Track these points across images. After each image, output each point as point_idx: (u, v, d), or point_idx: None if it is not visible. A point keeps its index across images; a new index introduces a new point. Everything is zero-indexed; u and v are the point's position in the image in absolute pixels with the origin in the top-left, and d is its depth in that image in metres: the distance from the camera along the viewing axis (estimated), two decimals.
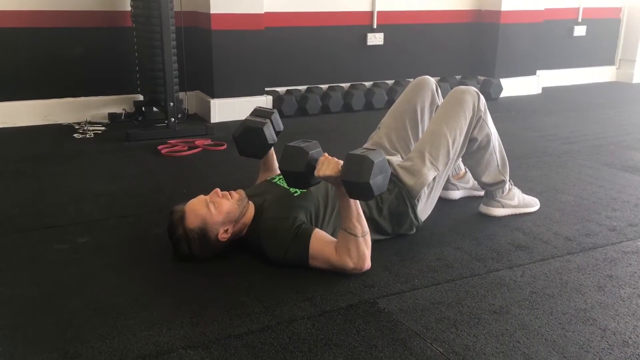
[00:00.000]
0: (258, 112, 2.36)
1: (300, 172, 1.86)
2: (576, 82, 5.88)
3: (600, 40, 5.94)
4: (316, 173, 1.85)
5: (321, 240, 1.91)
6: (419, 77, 2.50)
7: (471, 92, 2.28)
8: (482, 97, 2.30)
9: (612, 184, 2.87)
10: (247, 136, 2.23)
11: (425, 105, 2.44)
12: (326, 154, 1.88)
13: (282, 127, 2.38)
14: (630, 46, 6.02)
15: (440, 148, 2.21)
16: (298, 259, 1.92)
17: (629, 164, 3.17)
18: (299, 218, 1.94)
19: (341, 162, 1.83)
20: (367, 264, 1.92)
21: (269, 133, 2.22)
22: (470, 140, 2.29)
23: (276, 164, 2.34)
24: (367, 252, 1.91)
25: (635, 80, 6.01)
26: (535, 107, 4.78)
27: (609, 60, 6.11)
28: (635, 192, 2.74)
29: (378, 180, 1.78)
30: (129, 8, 3.86)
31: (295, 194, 2.04)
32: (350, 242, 1.88)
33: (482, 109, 2.28)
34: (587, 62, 5.95)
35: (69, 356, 1.51)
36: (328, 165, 1.84)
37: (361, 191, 1.78)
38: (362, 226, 1.89)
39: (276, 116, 2.34)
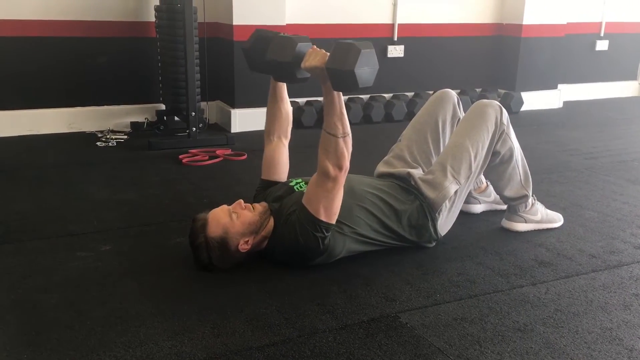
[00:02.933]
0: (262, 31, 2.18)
1: (286, 63, 1.80)
2: (598, 96, 5.82)
3: (623, 55, 5.88)
4: (302, 65, 1.80)
5: (307, 189, 1.93)
6: (440, 90, 2.50)
7: (494, 106, 2.27)
8: (504, 111, 2.29)
9: (637, 200, 2.83)
10: (259, 47, 2.03)
11: (446, 118, 2.43)
12: (315, 46, 1.84)
13: None
14: None
15: (462, 161, 2.20)
16: (309, 225, 1.90)
17: None
18: None
19: (329, 54, 1.77)
20: (346, 165, 1.87)
21: None
22: (492, 154, 2.27)
23: (286, 94, 2.30)
24: (347, 152, 1.86)
25: None
26: (556, 121, 4.74)
27: (631, 75, 6.05)
28: None
29: (364, 72, 1.70)
30: (153, 19, 3.91)
31: None
32: (330, 143, 1.84)
33: (505, 122, 2.27)
34: (609, 76, 5.89)
35: None
36: (315, 56, 1.80)
37: (345, 80, 1.71)
38: (343, 127, 1.84)
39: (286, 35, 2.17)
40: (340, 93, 1.84)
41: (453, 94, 2.47)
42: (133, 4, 4.01)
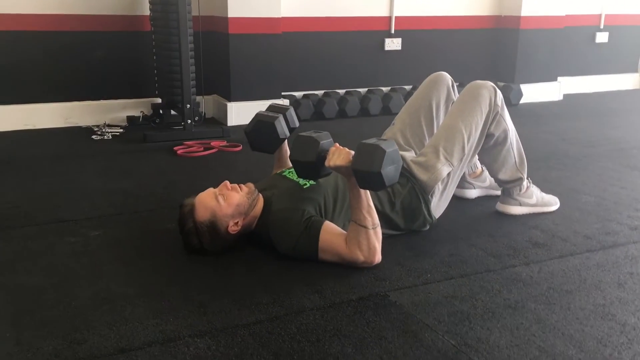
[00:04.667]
0: (272, 107, 2.35)
1: (311, 162, 1.83)
2: (598, 89, 5.78)
3: (623, 47, 5.84)
4: (327, 163, 1.83)
5: (331, 233, 1.88)
6: (434, 73, 2.48)
7: (488, 87, 2.24)
8: (499, 91, 2.26)
9: (634, 185, 2.79)
10: (258, 130, 2.21)
11: (440, 101, 2.40)
12: (337, 144, 1.86)
13: (297, 124, 2.35)
14: None
15: (455, 143, 2.17)
16: (307, 252, 1.89)
17: None
18: (307, 210, 1.92)
19: (352, 152, 1.80)
20: (378, 257, 1.88)
21: (281, 127, 2.19)
22: (487, 136, 2.24)
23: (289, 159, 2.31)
24: (378, 245, 1.88)
25: None
26: (556, 113, 4.70)
27: (632, 68, 6.00)
28: None
29: (390, 171, 1.74)
30: (148, 12, 3.91)
31: (304, 187, 2.01)
32: (360, 235, 1.85)
33: (499, 104, 2.24)
34: (610, 69, 5.85)
35: (75, 342, 1.49)
36: (339, 155, 1.81)
37: (372, 181, 1.75)
38: (372, 218, 1.85)
39: (291, 112, 2.31)
40: None
41: (447, 76, 2.45)
42: None
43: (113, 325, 1.57)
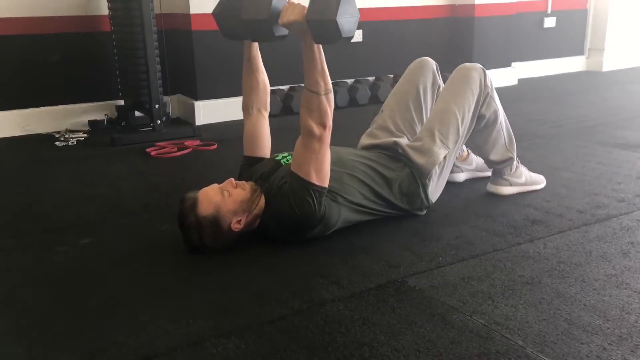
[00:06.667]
0: None
1: (263, 20, 1.73)
2: (548, 73, 5.97)
3: (570, 31, 6.06)
4: (280, 21, 1.74)
5: (294, 154, 1.89)
6: (418, 58, 2.48)
7: (477, 69, 2.27)
8: (487, 73, 2.28)
9: (610, 160, 2.89)
10: (228, 11, 1.97)
11: (427, 86, 2.41)
12: (291, 0, 1.78)
13: None
14: (598, 35, 6.16)
15: (450, 126, 2.18)
16: (301, 191, 1.84)
17: (621, 142, 3.21)
18: None
19: (307, 6, 1.71)
20: (330, 123, 1.82)
21: None
22: (478, 117, 2.26)
23: (261, 64, 2.17)
24: (330, 110, 1.82)
25: (604, 69, 6.14)
26: (515, 97, 4.81)
27: (578, 50, 6.23)
28: (634, 166, 2.76)
29: (346, 21, 1.64)
30: (104, 12, 3.76)
31: None
32: (312, 102, 1.80)
33: (489, 85, 2.26)
34: (558, 52, 6.05)
35: (94, 354, 1.40)
36: (293, 10, 1.72)
37: (327, 31, 1.65)
38: (325, 83, 1.79)
39: None
40: (321, 48, 1.78)
41: (432, 61, 2.46)
42: None
43: (131, 333, 1.48)
